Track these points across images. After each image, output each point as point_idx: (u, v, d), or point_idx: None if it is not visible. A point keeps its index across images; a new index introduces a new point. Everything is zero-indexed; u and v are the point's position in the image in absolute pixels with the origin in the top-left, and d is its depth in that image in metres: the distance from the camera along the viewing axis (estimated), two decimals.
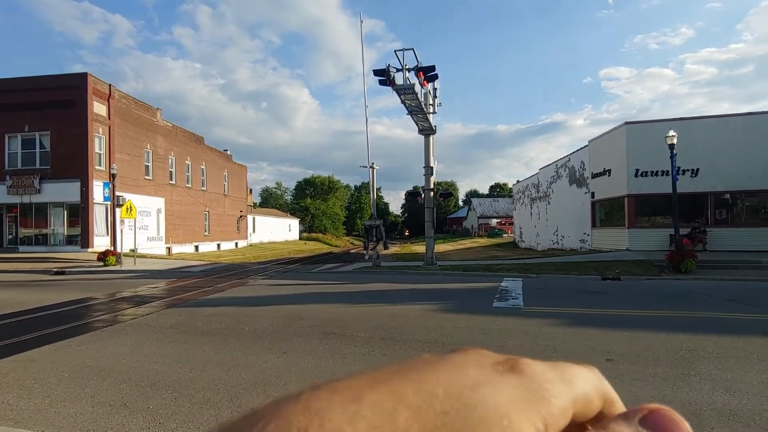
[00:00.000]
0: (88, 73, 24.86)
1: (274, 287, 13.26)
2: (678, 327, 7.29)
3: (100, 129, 25.53)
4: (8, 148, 25.50)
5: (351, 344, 6.46)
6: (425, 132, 19.73)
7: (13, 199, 25.19)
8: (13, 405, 4.31)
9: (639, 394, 4.45)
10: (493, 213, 79.68)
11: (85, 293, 11.88)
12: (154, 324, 7.96)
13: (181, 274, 17.46)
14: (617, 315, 8.51)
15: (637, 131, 21.75)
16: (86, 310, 9.63)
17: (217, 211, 40.40)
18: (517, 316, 8.47)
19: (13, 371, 5.29)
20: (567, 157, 30.06)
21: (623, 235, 22.03)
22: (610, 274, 14.80)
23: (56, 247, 25.18)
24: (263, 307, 9.63)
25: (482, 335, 6.99)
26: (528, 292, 11.54)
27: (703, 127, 20.94)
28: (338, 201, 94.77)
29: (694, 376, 4.95)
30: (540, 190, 35.71)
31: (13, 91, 25.25)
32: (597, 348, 6.10)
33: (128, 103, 28.29)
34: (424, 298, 10.92)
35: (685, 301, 10.15)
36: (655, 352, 5.86)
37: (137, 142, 28.74)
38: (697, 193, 20.87)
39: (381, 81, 16.55)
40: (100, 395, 4.53)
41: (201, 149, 37.85)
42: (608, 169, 23.71)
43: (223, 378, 5.03)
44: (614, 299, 10.47)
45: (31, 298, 10.93)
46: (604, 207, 25.10)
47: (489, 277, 15.06)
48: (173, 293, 12.05)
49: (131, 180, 27.47)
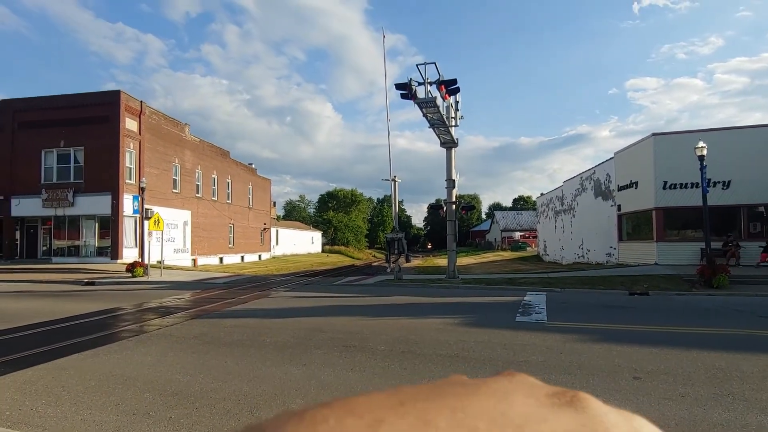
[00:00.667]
0: (121, 91, 25.80)
1: (296, 299, 13.34)
2: (709, 344, 7.03)
3: (131, 144, 26.37)
4: (44, 162, 26.54)
5: (371, 357, 6.43)
6: (447, 145, 19.73)
7: (48, 211, 26.14)
8: (42, 412, 4.43)
9: (668, 414, 4.29)
10: (516, 226, 78.65)
11: (113, 303, 12.18)
12: (178, 334, 8.10)
13: (205, 285, 17.75)
14: (645, 331, 8.26)
15: (665, 143, 21.27)
16: (113, 320, 9.87)
17: (241, 223, 41.04)
18: (541, 331, 8.30)
19: (43, 379, 5.44)
20: (592, 170, 29.57)
21: (651, 249, 21.45)
22: (638, 288, 14.40)
23: (87, 259, 25.95)
24: (285, 319, 9.69)
25: (504, 350, 6.87)
26: (552, 306, 11.31)
27: (734, 137, 20.35)
28: (360, 214, 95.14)
29: (726, 396, 4.75)
30: (564, 203, 35.15)
31: (50, 109, 26.39)
32: (624, 365, 5.93)
33: (158, 119, 29.17)
34: (445, 311, 10.82)
35: (717, 317, 9.79)
36: (685, 370, 5.65)
37: (166, 156, 29.55)
38: (728, 205, 20.22)
39: (403, 95, 16.66)
40: (125, 404, 4.62)
41: (227, 163, 38.65)
42: (635, 182, 23.20)
43: (244, 389, 5.07)
44: (642, 315, 10.16)
45: (62, 308, 11.26)
46: (631, 220, 24.52)
47: (512, 291, 14.84)
48: (197, 304, 12.24)
49: (159, 193, 28.19)
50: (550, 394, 0.26)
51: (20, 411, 4.45)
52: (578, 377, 5.46)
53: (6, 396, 4.85)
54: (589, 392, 0.25)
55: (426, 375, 5.66)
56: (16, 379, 5.44)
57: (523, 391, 0.26)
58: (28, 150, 26.36)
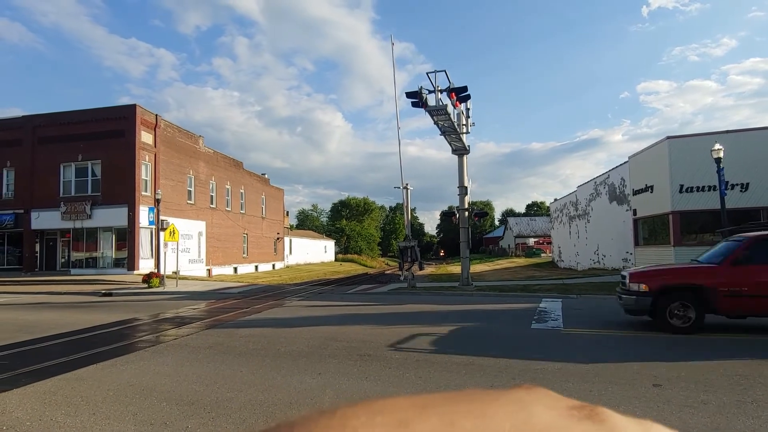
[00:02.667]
0: (137, 105, 26.30)
1: (310, 308, 13.37)
2: (731, 351, 6.88)
3: (147, 157, 26.81)
4: (63, 176, 27.10)
5: (386, 366, 6.41)
6: (459, 152, 19.71)
7: (66, 224, 26.63)
8: (61, 422, 4.49)
9: (690, 422, 4.20)
10: (530, 232, 78.03)
11: (130, 314, 12.32)
12: (194, 344, 8.16)
13: (220, 295, 17.88)
14: (664, 338, 8.11)
15: (680, 145, 20.99)
16: (130, 330, 9.98)
17: (255, 233, 41.34)
18: (557, 338, 8.20)
19: (62, 389, 5.52)
20: (606, 174, 29.27)
21: (669, 254, 21.08)
22: None
23: (105, 270, 26.34)
24: (299, 329, 9.72)
25: (520, 357, 6.80)
26: (568, 313, 11.17)
27: (751, 139, 20.00)
28: (373, 222, 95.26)
29: (750, 403, 4.63)
30: (579, 208, 34.80)
31: (68, 124, 26.98)
32: (643, 372, 5.82)
33: (173, 131, 29.64)
34: (459, 319, 10.75)
35: (738, 323, 9.57)
36: (706, 377, 5.53)
37: (180, 168, 29.96)
38: (748, 208, 19.81)
39: (414, 103, 16.72)
40: (142, 413, 4.66)
41: (240, 174, 39.05)
42: (650, 186, 22.89)
43: (260, 398, 5.09)
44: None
45: (81, 319, 11.43)
46: (647, 225, 24.17)
47: (527, 298, 14.69)
48: (212, 314, 12.33)
49: (174, 204, 28.56)
50: (569, 407, 0.26)
51: (41, 421, 4.52)
52: (596, 385, 5.38)
53: (27, 406, 4.93)
54: (608, 401, 0.26)
55: (441, 383, 5.62)
56: (37, 389, 5.53)
57: (544, 403, 0.26)
58: (47, 164, 26.96)
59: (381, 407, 0.22)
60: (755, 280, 8.22)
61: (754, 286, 8.19)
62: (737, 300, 8.33)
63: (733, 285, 8.29)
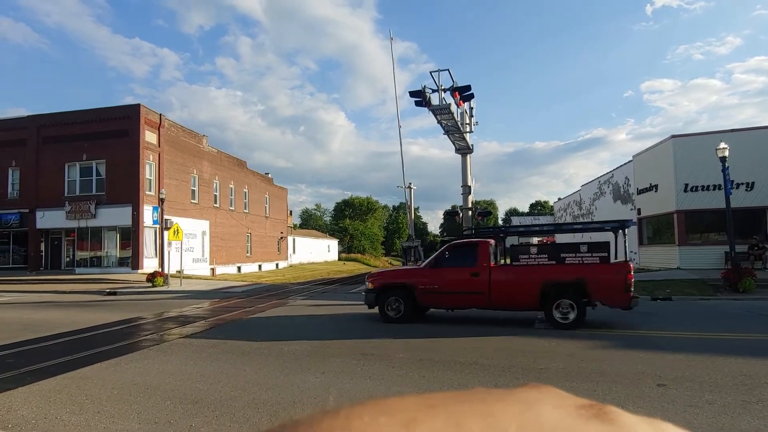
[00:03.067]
0: (141, 105, 26.37)
1: (313, 307, 13.38)
2: (736, 350, 6.84)
3: (151, 156, 26.88)
4: (68, 176, 27.21)
5: (389, 366, 6.41)
6: (462, 151, 19.69)
7: (71, 223, 26.75)
8: (66, 420, 4.51)
9: (695, 422, 4.18)
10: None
11: (134, 313, 12.37)
12: (198, 343, 8.18)
13: (224, 294, 17.92)
14: (669, 337, 8.08)
15: (685, 144, 20.89)
16: (135, 329, 10.02)
17: (258, 232, 41.41)
18: (561, 338, 8.18)
19: (67, 388, 5.54)
20: (610, 173, 29.17)
21: (673, 253, 21.00)
22: (660, 293, 14.10)
23: (109, 269, 26.44)
24: (302, 328, 9.72)
25: (523, 357, 6.79)
26: None
27: (757, 138, 19.88)
28: (376, 221, 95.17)
29: (755, 403, 4.61)
30: (582, 208, 34.70)
31: (73, 123, 27.08)
32: (647, 372, 5.80)
33: (176, 131, 29.71)
34: (462, 318, 10.73)
35: (744, 322, 9.53)
36: (711, 377, 5.50)
37: (184, 167, 30.04)
38: (753, 207, 19.72)
39: (417, 102, 16.72)
40: (147, 412, 4.68)
41: (244, 173, 39.11)
42: (655, 185, 22.80)
43: (263, 397, 5.10)
44: (665, 320, 9.95)
45: (86, 318, 11.48)
46: (651, 224, 24.09)
47: None
48: (216, 313, 12.36)
49: (178, 204, 28.64)
50: (578, 405, 0.26)
51: (46, 419, 4.54)
52: (600, 384, 5.36)
53: (32, 404, 4.96)
54: (613, 401, 0.26)
55: (445, 382, 5.62)
56: (42, 387, 5.56)
57: (551, 402, 0.26)
58: (52, 164, 27.08)
59: (386, 407, 0.21)
60: (444, 279, 9.98)
61: (443, 284, 9.95)
62: (432, 295, 10.06)
63: (429, 283, 10.00)
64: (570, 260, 9.54)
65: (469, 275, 9.76)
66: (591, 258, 9.48)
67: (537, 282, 9.33)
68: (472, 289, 9.72)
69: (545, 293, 9.26)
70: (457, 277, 9.87)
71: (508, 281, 9.66)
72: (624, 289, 9.01)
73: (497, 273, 9.73)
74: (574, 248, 9.75)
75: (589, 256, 9.51)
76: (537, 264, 9.67)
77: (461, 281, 9.81)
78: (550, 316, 9.27)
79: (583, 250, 9.62)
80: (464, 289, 9.81)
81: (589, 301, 9.27)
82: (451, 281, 9.93)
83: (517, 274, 9.72)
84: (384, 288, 10.36)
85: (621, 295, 9.05)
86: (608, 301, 9.27)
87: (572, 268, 9.40)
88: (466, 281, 9.76)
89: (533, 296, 9.33)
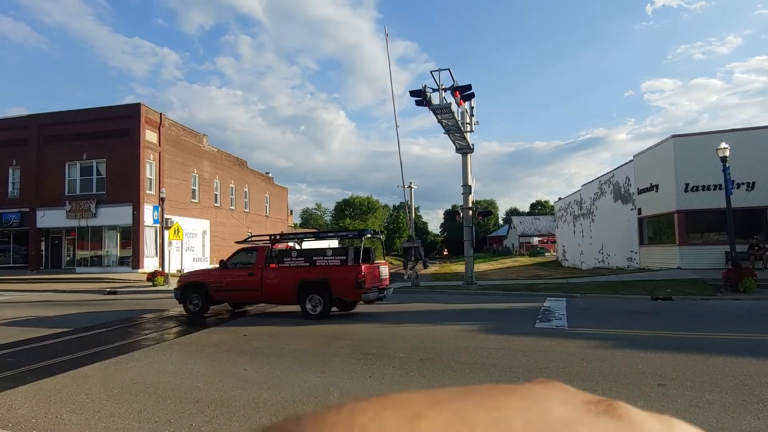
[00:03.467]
0: (141, 104, 26.38)
1: None
2: (737, 350, 6.83)
3: (151, 155, 26.89)
4: (68, 175, 27.23)
5: (389, 365, 6.41)
6: (463, 151, 19.67)
7: (71, 223, 26.76)
8: (66, 420, 4.51)
9: (695, 422, 4.05)
10: (534, 231, 77.79)
11: (134, 312, 12.37)
12: (198, 342, 8.18)
13: None
14: (669, 337, 8.07)
15: (686, 144, 20.87)
16: (135, 328, 10.02)
17: (259, 232, 41.39)
18: (561, 338, 8.17)
19: (67, 387, 5.54)
20: (611, 173, 29.14)
21: (674, 253, 20.99)
22: (661, 293, 14.09)
23: (109, 268, 26.45)
24: (302, 327, 9.72)
25: (524, 357, 6.78)
26: (572, 312, 11.14)
27: (757, 138, 19.87)
28: (377, 221, 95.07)
29: (756, 403, 4.60)
30: (583, 207, 34.67)
31: (73, 122, 27.09)
32: (648, 372, 5.79)
33: (177, 130, 29.71)
34: (463, 318, 10.73)
35: (744, 322, 9.52)
36: (712, 377, 5.50)
37: (185, 167, 30.04)
38: (754, 207, 19.70)
39: (418, 101, 16.69)
40: (147, 411, 4.68)
41: (244, 172, 39.11)
42: (655, 185, 22.78)
43: (263, 396, 5.09)
44: (666, 320, 9.94)
45: (85, 317, 11.48)
46: (652, 224, 24.07)
47: (531, 297, 14.65)
48: (216, 312, 12.36)
49: (179, 203, 28.65)
50: (586, 401, 0.26)
51: (46, 418, 4.54)
52: (601, 384, 5.35)
53: (32, 403, 4.96)
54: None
55: (446, 382, 5.61)
56: (42, 387, 5.56)
57: (559, 398, 0.26)
58: (53, 163, 27.09)
59: (390, 402, 0.21)
60: (230, 279, 11.57)
61: (229, 283, 11.54)
62: (222, 292, 11.62)
63: (218, 282, 11.57)
64: (319, 263, 11.16)
65: (247, 275, 11.43)
66: (334, 261, 11.07)
67: (295, 281, 10.97)
68: (250, 286, 11.35)
69: (300, 290, 10.89)
70: (239, 277, 11.54)
71: (275, 280, 11.23)
72: (356, 286, 10.50)
73: (267, 273, 11.32)
74: (322, 253, 11.39)
75: (333, 259, 11.10)
76: (296, 266, 11.27)
77: (242, 280, 11.48)
78: (303, 308, 10.86)
79: (329, 255, 11.26)
80: (244, 287, 11.44)
81: (332, 296, 10.80)
82: (235, 280, 11.56)
83: (281, 275, 11.25)
84: (186, 286, 11.84)
85: (354, 290, 10.58)
86: (345, 296, 10.89)
87: (320, 269, 11.00)
88: (245, 280, 11.42)
89: (292, 292, 10.92)
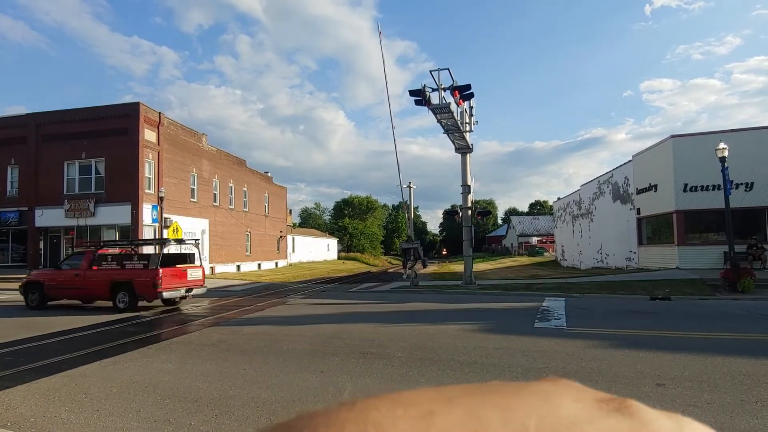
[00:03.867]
0: (140, 103, 26.33)
1: (313, 306, 13.38)
2: (735, 350, 6.84)
3: (150, 154, 26.84)
4: (67, 174, 27.16)
5: (389, 364, 6.41)
6: (462, 150, 19.67)
7: (70, 222, 26.71)
8: (65, 419, 4.50)
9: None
10: (533, 231, 77.85)
11: (134, 312, 12.35)
12: (198, 342, 8.18)
13: (223, 293, 17.92)
14: (668, 337, 8.08)
15: (685, 144, 20.90)
16: (134, 327, 10.02)
17: (258, 231, 41.38)
18: (560, 337, 8.18)
19: (66, 386, 5.54)
20: (610, 173, 29.18)
21: (672, 253, 21.02)
22: (660, 293, 14.11)
23: None
24: (302, 327, 9.73)
25: (523, 357, 6.79)
26: (571, 312, 11.15)
27: (756, 138, 19.90)
28: (376, 221, 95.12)
29: (754, 402, 4.61)
30: (582, 207, 34.70)
31: (72, 121, 27.03)
32: (647, 372, 5.80)
33: (176, 129, 29.66)
34: (462, 317, 10.74)
35: (743, 322, 9.54)
36: (710, 377, 5.51)
37: (184, 166, 29.99)
38: (752, 207, 19.74)
39: (417, 101, 16.68)
40: (146, 410, 4.67)
41: (243, 172, 39.07)
42: (654, 185, 22.81)
43: (263, 395, 5.09)
44: (664, 320, 9.95)
45: (85, 317, 11.47)
46: (650, 224, 24.10)
47: (530, 297, 14.66)
48: (216, 312, 12.36)
49: (178, 202, 28.61)
50: (597, 399, 0.26)
51: (44, 417, 4.53)
52: (599, 384, 5.36)
53: (31, 403, 4.95)
54: None
55: (445, 382, 5.62)
56: (41, 386, 5.56)
57: (570, 395, 0.26)
58: (51, 162, 27.02)
59: (402, 399, 0.21)
60: (62, 278, 13.42)
61: (60, 282, 13.38)
62: (56, 290, 13.34)
63: (52, 281, 13.42)
64: (128, 266, 12.89)
65: (74, 275, 13.26)
66: (138, 265, 12.79)
67: (108, 281, 12.77)
68: (76, 285, 13.19)
69: (113, 288, 12.68)
70: (68, 277, 13.33)
71: (93, 280, 12.99)
72: (153, 286, 12.15)
73: (88, 274, 13.14)
74: (130, 257, 13.39)
75: (138, 263, 12.86)
76: (110, 269, 13.08)
77: (70, 280, 13.26)
78: (114, 303, 12.55)
79: (135, 260, 13.07)
80: (72, 285, 13.23)
81: (135, 294, 12.48)
82: (65, 280, 13.33)
83: (99, 275, 13.02)
84: (28, 284, 13.70)
85: (152, 290, 12.23)
86: (146, 294, 12.47)
87: (127, 272, 12.80)
88: (72, 280, 13.24)
89: (107, 290, 12.71)
